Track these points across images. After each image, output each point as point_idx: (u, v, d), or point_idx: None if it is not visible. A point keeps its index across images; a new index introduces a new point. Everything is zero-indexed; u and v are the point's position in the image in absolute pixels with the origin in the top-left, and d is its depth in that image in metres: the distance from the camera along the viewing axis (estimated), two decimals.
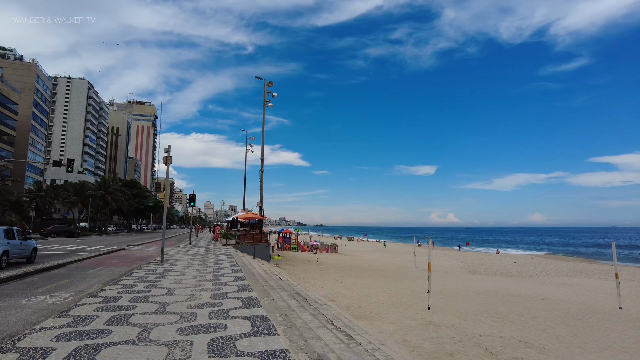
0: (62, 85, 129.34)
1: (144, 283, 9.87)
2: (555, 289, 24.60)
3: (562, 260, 52.46)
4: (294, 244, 48.61)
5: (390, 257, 51.01)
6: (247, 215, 31.49)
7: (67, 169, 26.04)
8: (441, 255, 54.44)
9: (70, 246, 26.20)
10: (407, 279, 26.11)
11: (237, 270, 13.32)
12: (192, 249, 25.38)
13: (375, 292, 18.68)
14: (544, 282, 28.32)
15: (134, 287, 9.09)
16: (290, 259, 36.40)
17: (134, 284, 9.75)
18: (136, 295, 8.17)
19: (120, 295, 8.19)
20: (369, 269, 31.90)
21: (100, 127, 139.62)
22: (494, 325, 12.96)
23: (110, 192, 58.10)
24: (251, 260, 20.51)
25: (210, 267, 13.85)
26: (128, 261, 16.45)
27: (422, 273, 30.82)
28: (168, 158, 14.90)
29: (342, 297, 16.15)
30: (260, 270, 15.81)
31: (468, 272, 34.76)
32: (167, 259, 16.82)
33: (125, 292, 8.38)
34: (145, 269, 13.04)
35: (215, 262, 16.53)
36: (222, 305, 7.30)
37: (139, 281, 10.19)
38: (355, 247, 68.31)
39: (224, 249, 25.25)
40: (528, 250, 77.38)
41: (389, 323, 12.11)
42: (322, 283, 20.50)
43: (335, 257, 43.70)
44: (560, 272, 35.16)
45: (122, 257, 18.55)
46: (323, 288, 18.40)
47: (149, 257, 18.69)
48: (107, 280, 10.52)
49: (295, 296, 10.14)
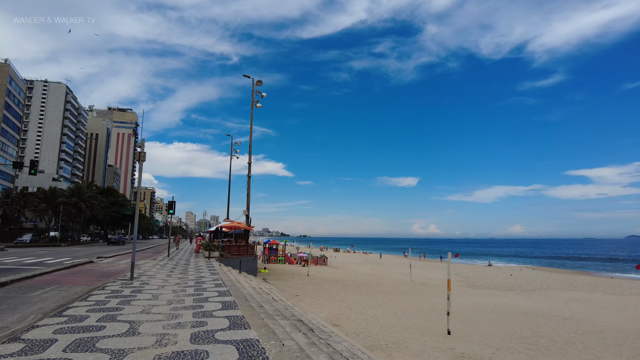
0: (39, 89, 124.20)
1: (100, 313, 7.32)
2: (566, 305, 22.80)
3: (555, 272, 51.19)
4: (280, 255, 45.99)
5: (382, 269, 48.84)
6: (232, 224, 28.83)
7: (30, 171, 23.09)
8: (433, 268, 52.55)
9: (30, 258, 23.12)
10: (407, 294, 23.94)
11: (224, 292, 10.79)
12: (170, 262, 22.65)
13: (381, 312, 16.42)
14: (549, 297, 26.55)
15: (82, 321, 6.57)
16: (278, 272, 33.83)
17: (84, 314, 7.14)
18: (81, 336, 5.55)
19: (56, 336, 5.46)
20: (363, 283, 29.62)
21: (78, 133, 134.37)
22: (532, 357, 10.87)
23: (85, 200, 54.31)
24: (238, 276, 18.00)
25: (190, 288, 11.22)
26: (91, 278, 13.75)
27: (421, 288, 28.76)
28: (141, 154, 12.45)
29: (346, 321, 13.83)
30: (250, 289, 13.38)
31: (467, 286, 32.82)
32: (139, 276, 14.18)
33: (66, 331, 5.77)
34: (108, 290, 10.42)
35: (196, 279, 13.98)
36: (208, 357, 4.86)
37: (93, 309, 7.60)
38: (344, 258, 65.93)
39: (207, 263, 22.61)
40: (513, 262, 76.32)
41: (412, 356, 9.86)
42: (319, 302, 18.13)
43: (325, 270, 41.27)
44: (561, 286, 33.56)
45: (86, 272, 15.79)
46: (322, 308, 16.04)
47: (119, 272, 16.00)
48: (51, 307, 7.92)
49: (299, 325, 7.86)
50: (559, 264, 69.20)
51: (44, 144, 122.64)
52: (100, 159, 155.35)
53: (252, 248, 28.89)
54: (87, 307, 7.81)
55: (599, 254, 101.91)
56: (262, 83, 29.26)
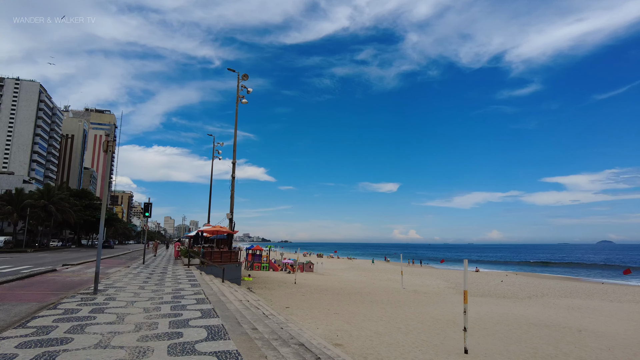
0: (10, 87, 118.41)
1: (35, 349, 5.31)
2: (569, 313, 21.65)
3: (542, 278, 50.61)
4: (264, 262, 43.84)
5: (369, 275, 47.25)
6: (214, 229, 26.66)
7: None
8: (422, 274, 51.27)
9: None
10: (404, 304, 22.34)
11: (209, 311, 8.73)
12: (145, 270, 20.42)
13: (383, 327, 14.70)
14: (548, 304, 25.43)
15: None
16: (262, 280, 31.77)
17: (12, 351, 5.11)
18: None
19: None
20: (354, 291, 27.91)
21: (52, 134, 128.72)
22: None
23: (55, 202, 50.86)
24: (221, 286, 16.02)
25: (166, 305, 9.22)
26: (47, 291, 11.56)
27: (414, 296, 27.25)
28: (109, 144, 10.44)
29: (348, 339, 12.05)
30: (237, 303, 11.48)
31: (459, 294, 31.48)
32: (105, 288, 12.05)
33: None
34: (61, 308, 8.32)
35: (174, 291, 11.95)
36: None
37: (28, 342, 5.57)
38: (329, 264, 64.11)
39: (186, 271, 20.49)
40: (496, 268, 75.65)
41: None
42: (313, 314, 16.29)
43: (312, 277, 39.34)
44: (555, 293, 32.64)
45: (43, 283, 13.53)
46: (317, 323, 14.20)
47: (83, 283, 13.82)
48: None
49: (302, 351, 6.09)
50: (541, 270, 68.98)
51: (14, 144, 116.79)
52: (76, 161, 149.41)
53: (236, 254, 26.82)
54: (20, 338, 5.75)
55: (579, 259, 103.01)
56: (248, 77, 27.38)
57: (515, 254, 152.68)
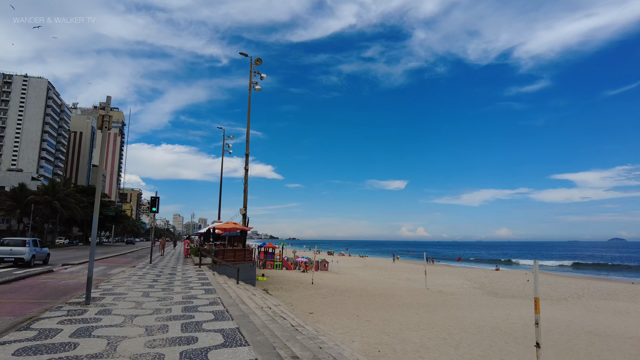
0: (18, 84, 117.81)
1: None
2: (621, 319, 19.44)
3: (568, 277, 48.03)
4: (278, 260, 41.94)
5: (387, 275, 45.15)
6: (227, 225, 24.70)
7: None
8: (440, 272, 49.00)
9: None
10: (435, 307, 20.22)
11: (232, 331, 6.52)
12: (152, 270, 18.52)
13: (427, 337, 12.58)
14: (591, 308, 23.14)
15: None
16: (277, 280, 29.81)
17: None
18: None
19: None
20: (377, 293, 25.85)
21: (60, 131, 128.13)
22: None
23: (60, 199, 49.32)
24: (238, 290, 14.03)
25: (176, 320, 7.14)
26: (32, 299, 9.60)
27: (442, 298, 25.11)
28: (106, 118, 8.44)
29: (393, 355, 9.98)
30: (259, 312, 9.45)
31: (489, 295, 29.29)
32: (102, 295, 10.06)
33: None
34: (37, 328, 6.35)
35: (185, 300, 9.93)
36: None
37: None
38: (343, 263, 62.04)
39: (197, 271, 18.55)
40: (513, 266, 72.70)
41: None
42: (342, 322, 14.22)
43: (328, 276, 37.33)
44: (591, 294, 30.23)
45: (33, 288, 11.62)
46: (351, 334, 12.12)
47: (79, 287, 11.88)
48: None
49: None
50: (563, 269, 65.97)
51: (23, 141, 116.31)
52: (85, 158, 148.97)
53: (250, 253, 24.86)
54: None
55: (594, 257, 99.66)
56: (261, 62, 25.33)
57: (525, 251, 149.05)
